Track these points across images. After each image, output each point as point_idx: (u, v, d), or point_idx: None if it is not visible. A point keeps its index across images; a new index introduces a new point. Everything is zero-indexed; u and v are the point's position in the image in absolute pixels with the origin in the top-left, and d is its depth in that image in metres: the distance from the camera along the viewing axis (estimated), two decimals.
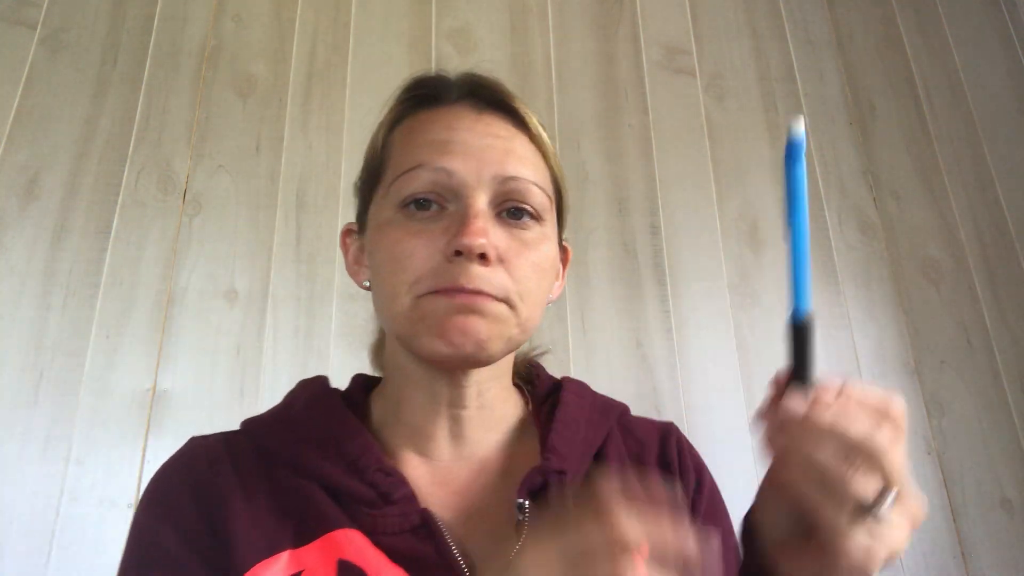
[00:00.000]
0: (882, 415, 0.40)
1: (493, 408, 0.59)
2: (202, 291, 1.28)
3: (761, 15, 1.71)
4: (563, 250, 0.64)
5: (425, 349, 0.51)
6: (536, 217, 0.55)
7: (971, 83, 1.72)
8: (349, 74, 1.49)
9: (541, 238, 0.55)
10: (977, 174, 1.65)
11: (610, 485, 0.38)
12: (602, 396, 0.66)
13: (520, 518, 0.52)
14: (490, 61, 1.54)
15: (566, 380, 0.65)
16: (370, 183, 0.59)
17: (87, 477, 1.15)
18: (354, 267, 0.61)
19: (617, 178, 1.50)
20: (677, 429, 0.65)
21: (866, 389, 0.41)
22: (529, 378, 0.66)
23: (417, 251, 0.51)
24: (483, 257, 0.50)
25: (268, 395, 1.22)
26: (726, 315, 1.43)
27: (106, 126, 1.36)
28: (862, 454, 0.39)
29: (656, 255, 1.45)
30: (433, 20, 1.55)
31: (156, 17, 1.46)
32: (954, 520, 1.36)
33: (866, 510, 0.40)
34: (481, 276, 0.50)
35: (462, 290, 0.50)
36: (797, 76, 1.67)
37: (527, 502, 0.52)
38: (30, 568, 1.09)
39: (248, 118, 1.41)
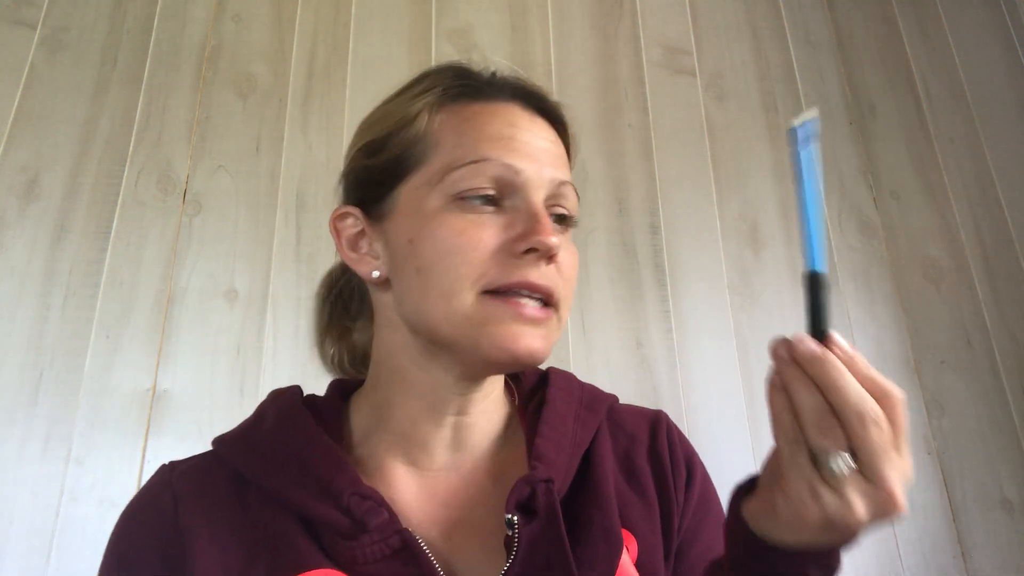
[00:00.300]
0: (885, 396, 0.39)
1: (491, 411, 0.59)
2: (202, 291, 1.28)
3: (761, 15, 1.71)
4: None
5: (483, 353, 0.50)
6: (570, 224, 0.56)
7: (971, 83, 1.72)
8: (349, 74, 1.49)
9: (573, 245, 0.56)
10: (977, 174, 1.65)
11: None
12: (589, 388, 0.65)
13: (509, 533, 0.50)
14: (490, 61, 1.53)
15: (552, 373, 0.64)
16: (403, 165, 0.55)
17: (87, 477, 1.15)
18: (353, 254, 0.57)
19: (617, 178, 1.50)
20: (667, 417, 0.65)
21: (872, 369, 0.40)
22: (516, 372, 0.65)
23: (483, 243, 0.50)
24: (550, 258, 0.51)
25: (266, 395, 1.22)
26: (726, 315, 1.43)
27: (106, 126, 1.36)
28: (845, 415, 0.38)
29: (656, 255, 1.45)
30: (433, 20, 1.55)
31: (156, 17, 1.46)
32: (954, 520, 1.36)
33: (818, 461, 0.39)
34: (548, 275, 0.51)
35: (532, 287, 0.50)
36: (797, 76, 1.67)
37: (516, 517, 0.50)
38: (30, 568, 1.09)
39: (248, 118, 1.41)
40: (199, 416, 1.20)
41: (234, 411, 1.21)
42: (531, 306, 0.50)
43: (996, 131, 1.68)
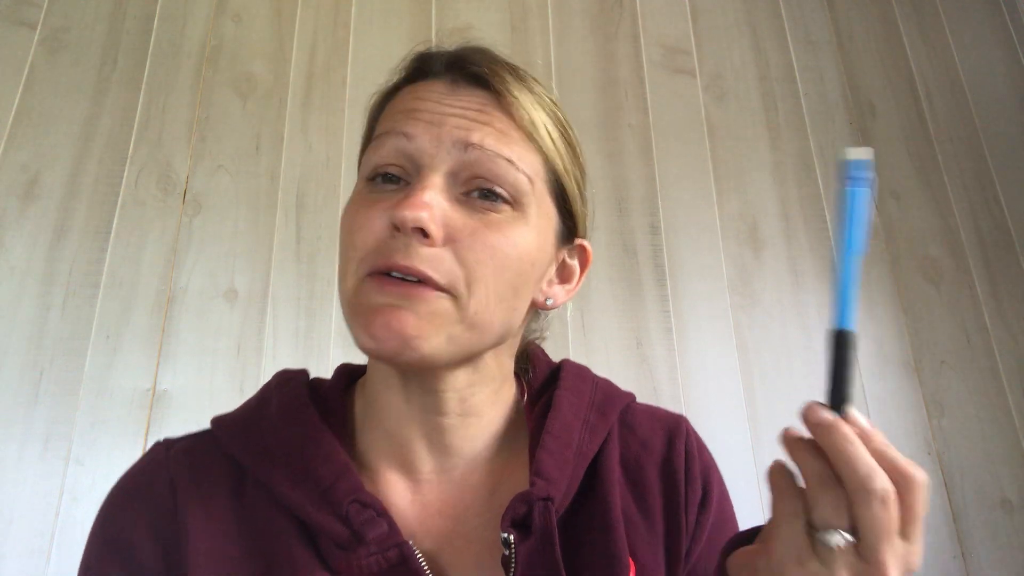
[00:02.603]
0: (903, 477, 0.37)
1: (480, 414, 0.54)
2: (202, 291, 1.28)
3: (761, 15, 1.71)
4: (581, 250, 0.59)
5: (357, 342, 0.46)
6: (511, 202, 0.48)
7: (971, 83, 1.72)
8: (349, 74, 1.49)
9: (512, 222, 0.48)
10: (977, 174, 1.65)
11: None
12: (604, 386, 0.60)
13: (506, 553, 0.47)
14: None
15: (564, 369, 0.59)
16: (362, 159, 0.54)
17: (87, 477, 1.15)
18: None
19: (617, 178, 1.50)
20: (687, 425, 0.60)
21: (892, 448, 0.38)
22: (526, 364, 0.61)
23: (367, 224, 0.47)
24: (425, 235, 0.45)
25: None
26: (726, 315, 1.43)
27: (106, 126, 1.36)
28: (851, 488, 0.36)
29: (656, 255, 1.45)
30: (433, 20, 1.55)
31: (156, 17, 1.46)
32: (954, 520, 1.36)
33: (813, 531, 0.37)
34: (420, 255, 0.45)
35: (397, 268, 0.45)
36: (797, 76, 1.67)
37: (512, 536, 0.47)
38: (30, 568, 1.09)
39: (248, 118, 1.41)
40: (199, 416, 1.19)
41: None
42: (394, 279, 0.45)
43: (996, 131, 1.68)
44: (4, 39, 1.37)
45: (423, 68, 0.53)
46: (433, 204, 0.45)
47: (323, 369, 0.59)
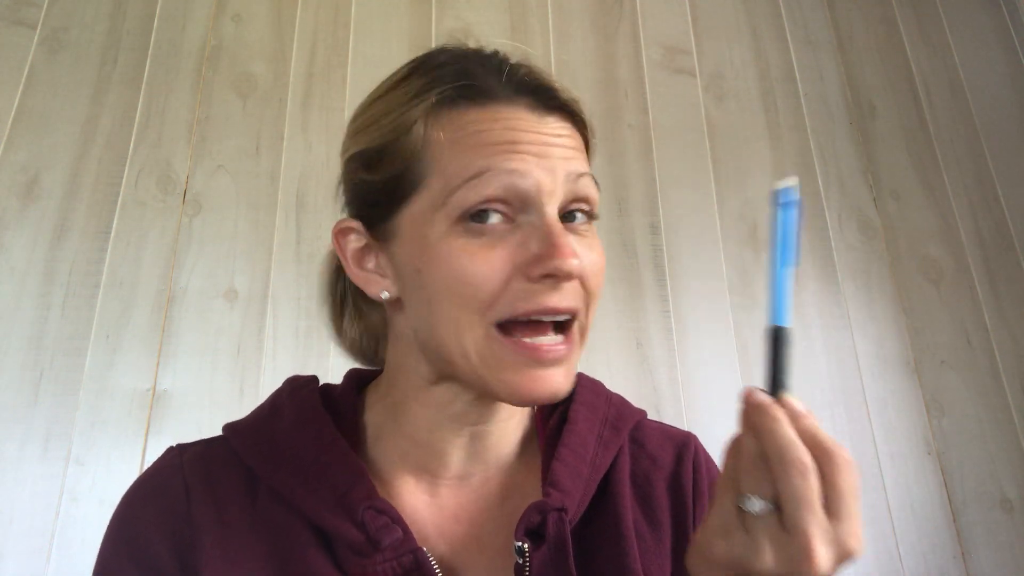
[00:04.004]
0: (825, 454, 0.38)
1: (513, 419, 0.56)
2: (202, 291, 1.28)
3: (761, 15, 1.71)
4: None
5: (500, 398, 0.48)
6: (593, 216, 0.51)
7: (971, 83, 1.72)
8: (349, 74, 1.49)
9: (595, 235, 0.51)
10: (977, 174, 1.65)
11: None
12: (618, 402, 0.61)
13: (519, 561, 0.48)
14: None
15: (579, 382, 0.59)
16: (402, 186, 0.49)
17: (87, 477, 1.15)
18: (360, 272, 0.53)
19: (617, 178, 1.50)
20: (696, 441, 0.60)
21: (820, 429, 0.39)
22: None
23: (491, 273, 0.45)
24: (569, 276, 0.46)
25: (267, 396, 1.22)
26: (726, 315, 1.43)
27: (106, 126, 1.36)
28: (771, 459, 0.38)
29: (656, 255, 1.45)
30: (433, 20, 1.55)
31: (156, 17, 1.46)
32: (954, 520, 1.36)
33: (738, 502, 0.39)
34: (571, 293, 0.47)
35: (554, 312, 0.46)
36: (797, 76, 1.67)
37: (527, 544, 0.48)
38: (30, 568, 1.09)
39: (248, 118, 1.41)
40: (199, 416, 1.20)
41: (234, 411, 1.19)
42: (548, 344, 0.47)
43: (996, 131, 1.68)
44: (4, 39, 1.36)
45: (487, 88, 0.49)
46: (577, 243, 0.47)
47: (323, 369, 0.59)
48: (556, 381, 0.47)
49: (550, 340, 0.47)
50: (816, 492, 0.37)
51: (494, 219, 0.46)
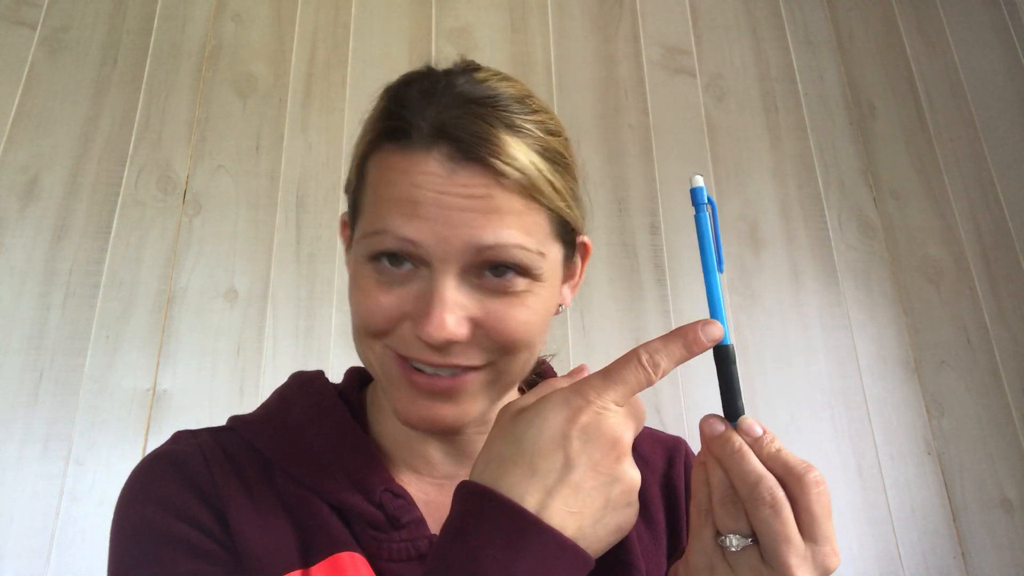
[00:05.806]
0: (795, 478, 0.38)
1: (489, 424, 0.56)
2: (202, 291, 1.28)
3: (761, 15, 1.71)
4: (582, 246, 0.59)
5: (391, 409, 0.49)
6: (526, 275, 0.47)
7: (971, 83, 1.72)
8: (349, 74, 1.49)
9: (529, 290, 0.47)
10: (977, 174, 1.65)
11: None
12: None
13: None
14: (490, 61, 1.54)
15: None
16: (355, 208, 0.51)
17: (87, 477, 1.15)
18: (348, 265, 0.55)
19: (617, 178, 1.50)
20: (686, 446, 0.62)
21: (784, 450, 0.39)
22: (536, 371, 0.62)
23: (380, 311, 0.46)
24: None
25: (268, 395, 1.22)
26: (726, 315, 1.43)
27: (106, 126, 1.36)
28: (742, 497, 0.38)
29: (656, 255, 1.45)
30: (433, 20, 1.55)
31: (156, 17, 1.46)
32: (954, 520, 1.36)
33: (719, 537, 0.40)
34: (452, 352, 0.46)
35: (430, 365, 0.46)
36: (797, 76, 1.67)
37: None
38: (30, 568, 1.09)
39: (248, 118, 1.41)
40: (199, 416, 1.20)
41: (234, 411, 1.19)
42: (426, 377, 0.46)
43: (996, 131, 1.68)
44: (4, 39, 1.37)
45: (407, 127, 0.46)
46: (455, 317, 0.44)
47: (323, 369, 0.59)
48: (439, 414, 0.47)
49: (433, 372, 0.46)
50: (790, 524, 0.37)
51: (406, 265, 0.46)
